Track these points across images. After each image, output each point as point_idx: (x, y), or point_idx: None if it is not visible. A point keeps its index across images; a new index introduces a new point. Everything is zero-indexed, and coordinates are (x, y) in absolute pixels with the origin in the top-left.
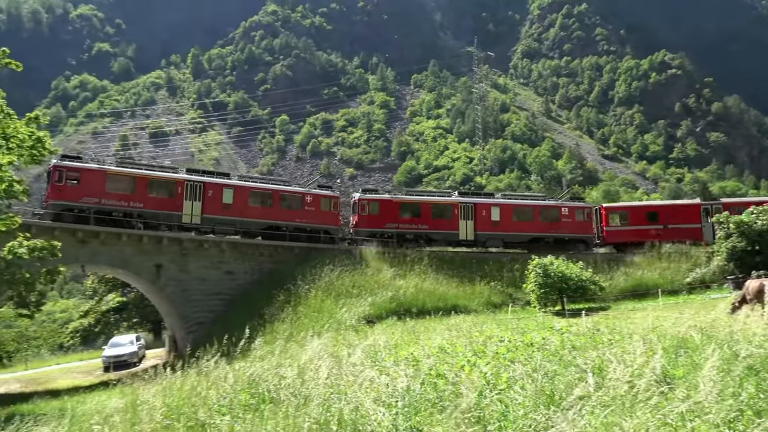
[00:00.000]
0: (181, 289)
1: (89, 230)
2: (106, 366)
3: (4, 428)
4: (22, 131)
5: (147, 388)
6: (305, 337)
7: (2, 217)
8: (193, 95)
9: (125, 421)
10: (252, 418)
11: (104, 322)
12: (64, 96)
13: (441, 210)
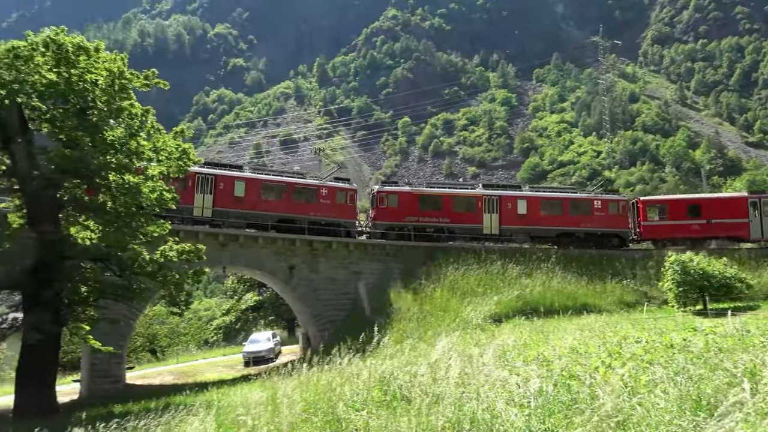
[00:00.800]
0: (312, 288)
1: (229, 234)
2: (246, 361)
3: (162, 416)
4: (170, 144)
5: (285, 382)
6: (433, 335)
7: (155, 223)
8: (319, 102)
9: (267, 413)
10: (385, 415)
11: (243, 320)
12: (204, 110)
13: (463, 203)
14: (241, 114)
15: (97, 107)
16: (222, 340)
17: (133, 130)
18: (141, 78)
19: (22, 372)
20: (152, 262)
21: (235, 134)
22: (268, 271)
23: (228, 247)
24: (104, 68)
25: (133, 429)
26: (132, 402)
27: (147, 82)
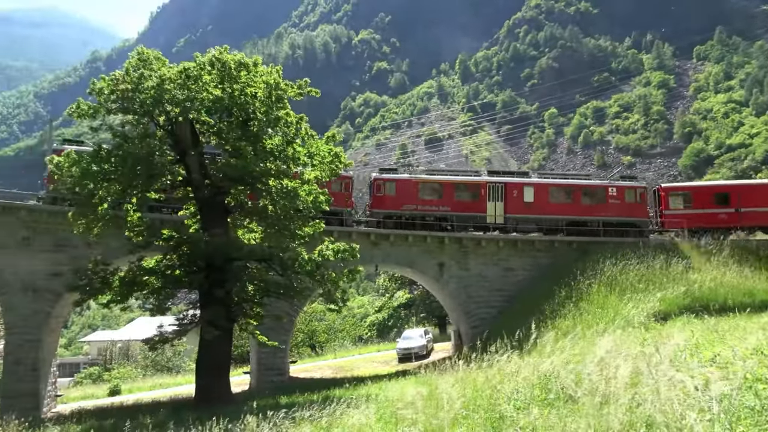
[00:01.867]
0: (463, 285)
1: (381, 233)
2: (400, 357)
3: (325, 407)
4: (323, 149)
5: (443, 379)
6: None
7: (311, 224)
8: (462, 99)
9: (428, 409)
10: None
11: (395, 317)
12: (351, 114)
13: (466, 190)
14: (387, 116)
15: (257, 118)
16: (376, 337)
17: (289, 138)
18: (295, 88)
19: (201, 363)
20: (311, 262)
21: (381, 136)
22: (419, 268)
23: (380, 245)
24: (262, 81)
25: (299, 418)
26: (296, 394)
27: (300, 91)
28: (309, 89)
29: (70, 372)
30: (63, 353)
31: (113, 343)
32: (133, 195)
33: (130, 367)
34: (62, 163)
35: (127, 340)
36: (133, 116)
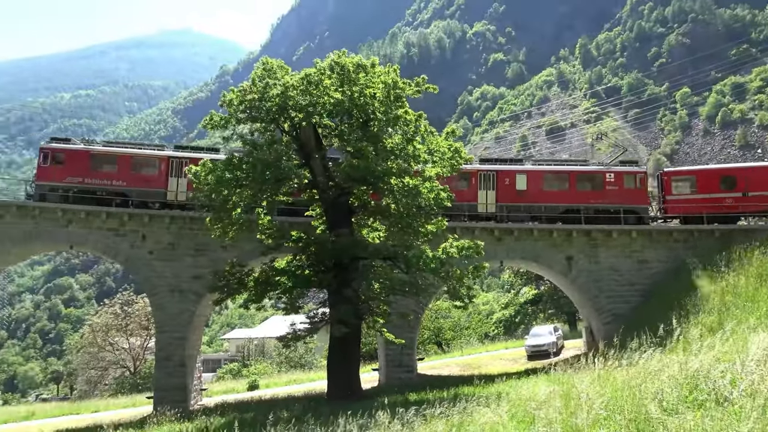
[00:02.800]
0: (593, 279)
1: (504, 228)
2: (530, 354)
3: (455, 405)
4: (443, 145)
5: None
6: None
7: (434, 222)
8: (584, 85)
9: (564, 409)
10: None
11: (522, 313)
12: (468, 109)
13: (457, 179)
14: (505, 108)
15: (376, 118)
16: (502, 334)
17: (408, 136)
18: (413, 86)
19: (332, 360)
20: (435, 259)
21: (500, 129)
22: (545, 263)
23: (503, 241)
24: (380, 81)
25: (430, 416)
26: (425, 391)
27: (418, 89)
28: (427, 86)
29: (212, 368)
30: (205, 350)
31: (250, 340)
32: (263, 199)
33: (266, 364)
34: (199, 172)
35: (262, 337)
36: (260, 124)
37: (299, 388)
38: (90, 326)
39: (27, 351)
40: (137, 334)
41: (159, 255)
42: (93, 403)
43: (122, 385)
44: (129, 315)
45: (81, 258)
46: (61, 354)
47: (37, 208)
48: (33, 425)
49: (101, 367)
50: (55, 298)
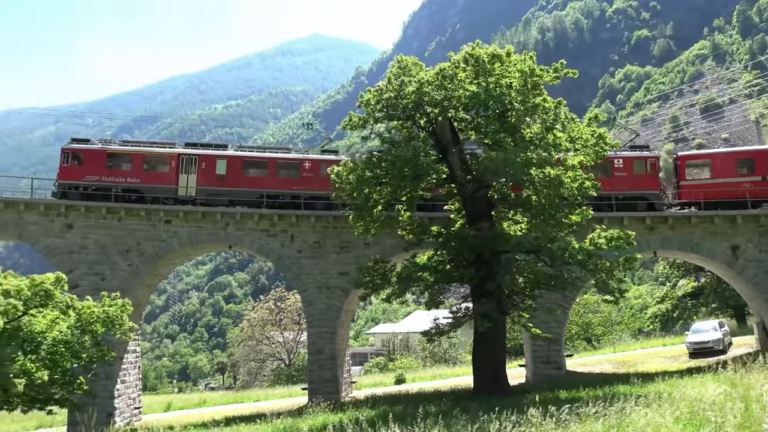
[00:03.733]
0: (764, 270)
1: (657, 216)
2: (692, 352)
3: (611, 405)
4: (585, 132)
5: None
6: None
7: (578, 212)
8: (744, 56)
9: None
10: None
11: (681, 308)
12: (611, 91)
13: None
14: (651, 88)
15: (514, 108)
16: (659, 330)
17: (548, 124)
18: (550, 72)
19: (477, 355)
20: (582, 251)
21: (647, 110)
22: (705, 253)
23: (657, 230)
24: (516, 70)
25: (584, 415)
26: (576, 389)
27: (557, 74)
28: (566, 71)
29: (359, 361)
30: (352, 344)
31: (394, 335)
32: (403, 195)
33: (411, 358)
34: (341, 172)
35: (406, 332)
36: (397, 121)
37: (445, 382)
38: (248, 321)
39: (196, 343)
40: (290, 328)
41: (306, 253)
42: (254, 393)
43: (279, 376)
44: (282, 310)
45: (237, 257)
46: (225, 346)
47: (200, 212)
48: (206, 411)
49: (259, 359)
50: (217, 295)
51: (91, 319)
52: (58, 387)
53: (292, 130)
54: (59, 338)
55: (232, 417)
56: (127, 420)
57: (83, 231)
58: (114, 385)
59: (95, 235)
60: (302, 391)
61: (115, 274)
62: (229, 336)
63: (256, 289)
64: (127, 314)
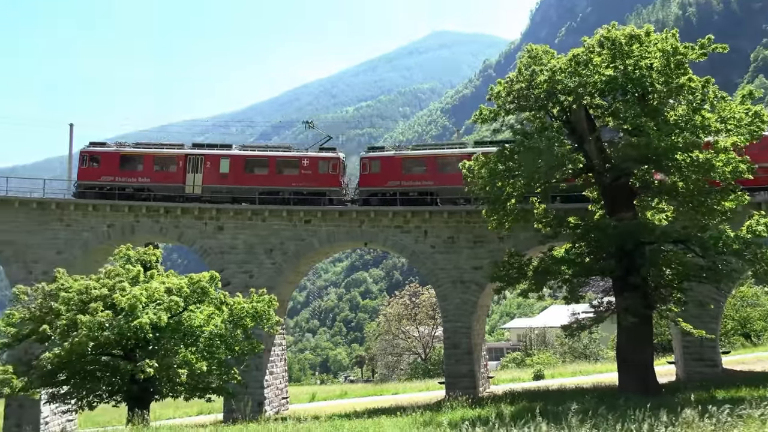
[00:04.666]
0: None
1: None
2: None
3: None
4: (738, 110)
5: None
6: None
7: (732, 197)
8: None
9: None
10: None
11: None
12: (765, 65)
13: (448, 163)
14: None
15: (655, 90)
16: None
17: (695, 105)
18: (696, 49)
19: (622, 351)
20: (738, 240)
21: None
22: None
23: None
24: (657, 50)
25: (747, 417)
26: (735, 388)
27: (703, 51)
28: (714, 46)
29: (495, 356)
30: (487, 339)
31: (531, 330)
32: (537, 187)
33: (548, 353)
34: (472, 166)
35: (543, 327)
36: (529, 112)
37: (586, 379)
38: (384, 316)
39: (335, 338)
40: (425, 323)
41: (440, 248)
42: (392, 386)
43: (415, 370)
44: (417, 305)
45: (372, 254)
46: (362, 340)
47: (337, 212)
48: (347, 403)
49: (396, 353)
50: (354, 291)
51: (242, 314)
52: (215, 377)
53: (421, 128)
54: (215, 332)
55: (372, 409)
56: (276, 409)
57: (233, 232)
58: (263, 376)
59: (243, 236)
60: (439, 385)
61: (262, 271)
62: (366, 330)
63: (390, 284)
64: (274, 309)
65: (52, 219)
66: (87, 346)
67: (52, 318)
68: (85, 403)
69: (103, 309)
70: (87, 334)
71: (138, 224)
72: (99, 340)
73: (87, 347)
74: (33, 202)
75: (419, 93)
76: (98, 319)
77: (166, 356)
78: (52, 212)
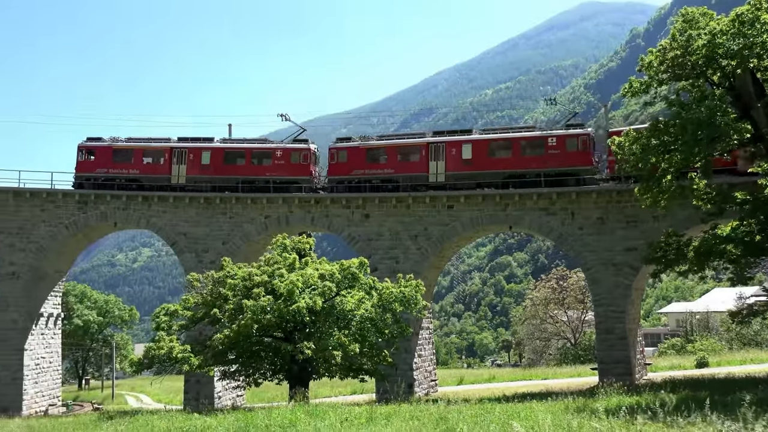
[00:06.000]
0: None
1: None
2: None
3: None
4: None
5: None
6: None
7: None
8: None
9: None
10: None
11: None
12: None
13: (408, 152)
14: None
15: None
16: None
17: None
18: None
19: None
20: None
21: None
22: None
23: None
24: None
25: None
26: None
27: None
28: None
29: (652, 342)
30: (642, 324)
31: (691, 314)
32: (697, 162)
33: (712, 340)
34: (623, 142)
35: (705, 311)
36: (685, 81)
37: (758, 368)
38: (530, 300)
39: (480, 322)
40: (574, 307)
41: (589, 230)
42: (541, 371)
43: (565, 355)
44: (564, 289)
45: (516, 238)
46: (508, 325)
47: (480, 196)
48: (495, 387)
49: (544, 338)
50: (498, 275)
51: (390, 298)
52: (367, 359)
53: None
54: (365, 315)
55: (522, 393)
56: (425, 391)
57: (379, 220)
58: (412, 358)
59: (388, 223)
60: (591, 371)
61: (407, 257)
62: (512, 315)
63: (536, 268)
64: (421, 294)
65: (217, 213)
66: (252, 328)
67: (221, 302)
68: (252, 380)
69: (265, 294)
70: (251, 317)
71: (291, 215)
72: (262, 322)
73: (252, 329)
74: (201, 198)
75: (560, 70)
76: (261, 304)
77: (321, 338)
78: (217, 206)
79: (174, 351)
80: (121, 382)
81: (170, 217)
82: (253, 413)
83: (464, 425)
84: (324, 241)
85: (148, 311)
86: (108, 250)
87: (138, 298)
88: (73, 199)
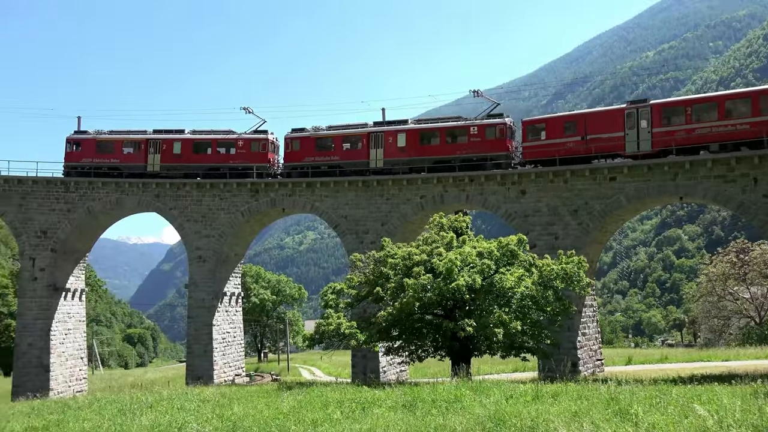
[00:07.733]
0: None
1: None
2: None
3: None
4: None
5: None
6: None
7: None
8: None
9: None
10: None
11: None
12: None
13: (352, 141)
14: None
15: None
16: None
17: None
18: None
19: None
20: None
21: None
22: None
23: None
24: None
25: None
26: None
27: None
28: None
29: None
30: None
31: None
32: None
33: None
34: None
35: None
36: None
37: None
38: (705, 276)
39: (648, 299)
40: (758, 282)
41: None
42: (721, 352)
43: (748, 335)
44: (746, 263)
45: (686, 209)
46: (679, 302)
47: (646, 166)
48: (667, 368)
49: (723, 316)
50: (666, 250)
51: (551, 275)
52: (528, 337)
53: (738, 62)
54: (526, 293)
55: (700, 375)
56: (591, 370)
57: (536, 195)
58: (576, 337)
59: (546, 199)
60: None
61: (567, 233)
62: (684, 292)
63: (710, 241)
64: (584, 271)
65: (374, 195)
66: (413, 306)
67: (383, 281)
68: (415, 356)
69: (424, 273)
70: (413, 295)
71: (446, 194)
72: (423, 300)
73: (414, 307)
74: (359, 181)
75: (733, 22)
76: (421, 282)
77: (482, 316)
78: (374, 188)
79: (342, 327)
80: (294, 356)
81: (332, 201)
82: (419, 387)
83: (638, 406)
84: (478, 219)
85: (315, 291)
86: (277, 234)
87: (305, 278)
88: (245, 188)
